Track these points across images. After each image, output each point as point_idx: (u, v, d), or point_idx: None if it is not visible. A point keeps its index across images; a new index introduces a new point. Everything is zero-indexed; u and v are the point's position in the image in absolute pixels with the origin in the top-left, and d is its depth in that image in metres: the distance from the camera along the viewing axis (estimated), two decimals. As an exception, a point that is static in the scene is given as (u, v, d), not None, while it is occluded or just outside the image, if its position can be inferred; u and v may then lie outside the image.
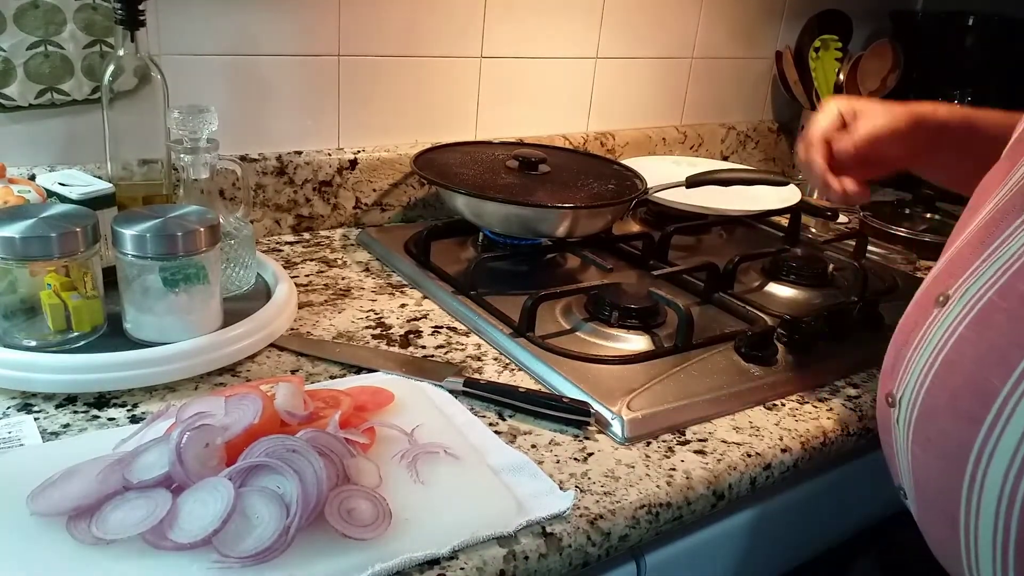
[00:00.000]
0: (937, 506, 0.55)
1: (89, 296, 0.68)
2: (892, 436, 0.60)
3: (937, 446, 0.54)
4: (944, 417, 0.53)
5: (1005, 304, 0.51)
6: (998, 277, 0.53)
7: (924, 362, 0.56)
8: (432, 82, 1.12)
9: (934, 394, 0.55)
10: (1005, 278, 0.52)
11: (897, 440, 0.59)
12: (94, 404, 0.64)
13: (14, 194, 0.72)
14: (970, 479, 0.51)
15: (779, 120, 1.58)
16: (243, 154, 0.99)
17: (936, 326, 0.56)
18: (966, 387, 0.52)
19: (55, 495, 0.49)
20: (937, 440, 0.54)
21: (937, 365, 0.55)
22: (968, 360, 0.53)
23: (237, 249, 0.80)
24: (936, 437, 0.54)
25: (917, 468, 0.57)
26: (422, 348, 0.78)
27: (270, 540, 0.47)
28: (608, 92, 1.31)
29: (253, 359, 0.73)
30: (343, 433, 0.55)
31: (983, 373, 0.51)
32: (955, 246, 0.59)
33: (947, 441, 0.53)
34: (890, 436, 0.60)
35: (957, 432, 0.52)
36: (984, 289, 0.53)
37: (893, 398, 0.59)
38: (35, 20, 0.82)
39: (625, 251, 1.04)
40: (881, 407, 0.62)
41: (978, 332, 0.52)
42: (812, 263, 1.00)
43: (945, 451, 0.53)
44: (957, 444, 0.52)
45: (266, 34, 0.98)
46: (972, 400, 0.51)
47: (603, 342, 0.79)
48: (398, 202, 1.12)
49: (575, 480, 0.60)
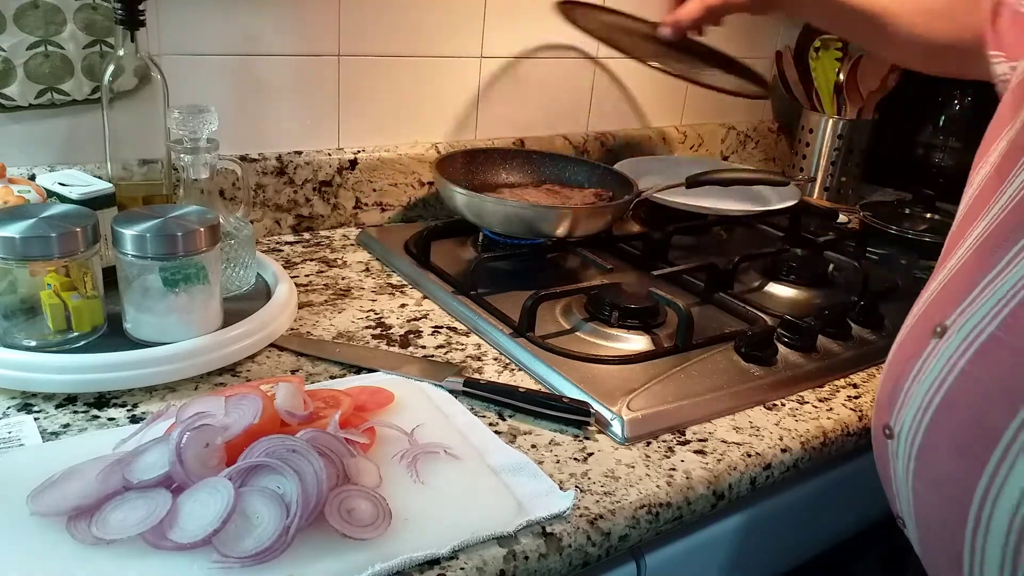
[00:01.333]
0: (940, 544, 0.54)
1: (89, 296, 0.68)
2: (890, 468, 0.59)
3: (940, 486, 0.53)
4: (946, 456, 0.52)
5: (1008, 339, 0.50)
6: (999, 309, 0.51)
7: (923, 396, 0.55)
8: (432, 82, 1.12)
9: (935, 431, 0.53)
10: (1007, 311, 0.50)
11: (896, 473, 0.58)
12: (94, 404, 0.64)
13: (14, 194, 0.72)
14: (975, 521, 0.50)
15: (779, 120, 1.58)
16: (243, 154, 0.99)
17: (934, 359, 0.54)
18: (969, 426, 0.51)
19: (55, 495, 0.49)
20: (940, 480, 0.53)
21: (938, 401, 0.53)
22: (971, 397, 0.51)
23: (237, 249, 0.80)
24: (939, 477, 0.53)
25: (919, 505, 0.56)
26: (422, 348, 0.78)
27: (270, 540, 0.47)
28: (608, 92, 1.31)
29: (253, 359, 0.73)
30: (343, 433, 0.55)
31: (986, 412, 0.50)
32: (948, 267, 0.58)
33: (951, 481, 0.52)
34: (888, 467, 0.59)
35: (961, 472, 0.51)
36: (985, 322, 0.51)
37: (891, 430, 0.58)
38: (35, 20, 0.82)
39: (625, 251, 1.04)
40: (878, 437, 0.61)
41: (980, 368, 0.51)
42: (812, 263, 1.00)
43: (949, 491, 0.52)
44: (961, 485, 0.51)
45: (266, 34, 0.98)
46: (976, 440, 0.50)
47: (603, 342, 0.79)
48: (398, 202, 1.12)
49: (575, 480, 0.60)
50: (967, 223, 0.58)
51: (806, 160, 1.44)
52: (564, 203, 1.01)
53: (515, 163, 1.12)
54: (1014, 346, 0.49)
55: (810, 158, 1.43)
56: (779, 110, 1.57)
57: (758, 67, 1.49)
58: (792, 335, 0.81)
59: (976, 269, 0.54)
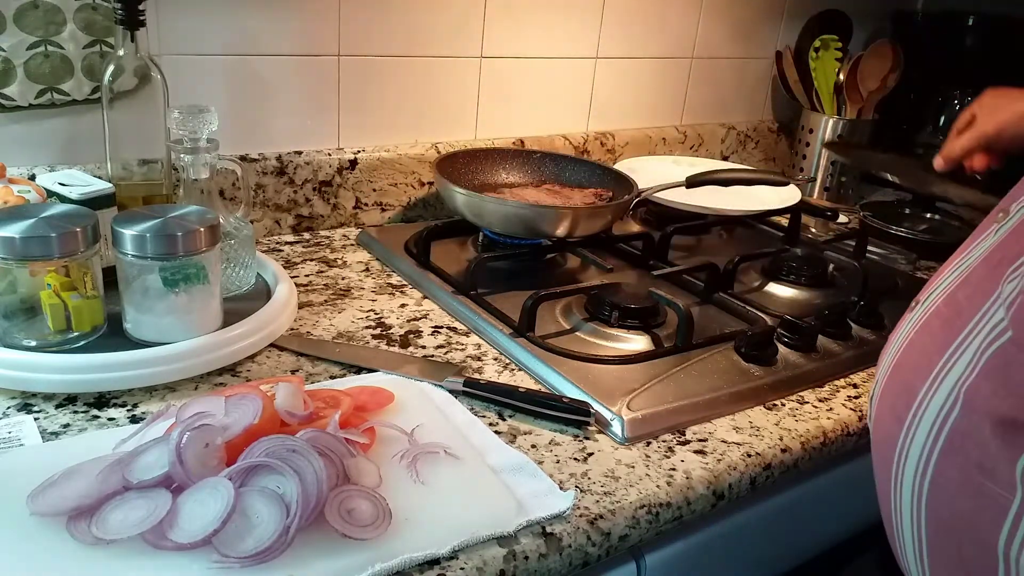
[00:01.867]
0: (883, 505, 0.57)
1: (89, 296, 0.68)
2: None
3: (879, 449, 0.56)
4: (885, 419, 0.55)
5: (946, 310, 0.53)
6: (950, 285, 0.54)
7: (884, 369, 0.58)
8: (432, 82, 1.12)
9: (882, 397, 0.56)
10: (954, 286, 0.53)
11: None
12: (94, 404, 0.64)
13: (14, 194, 0.72)
14: (895, 479, 0.53)
15: (779, 120, 1.58)
16: (243, 154, 0.99)
17: (900, 331, 0.57)
18: (900, 391, 0.54)
19: (55, 495, 0.49)
20: (879, 443, 0.56)
21: (889, 371, 0.56)
22: (907, 365, 0.54)
23: (237, 249, 0.80)
24: (879, 440, 0.56)
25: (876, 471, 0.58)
26: (422, 348, 0.78)
27: (270, 540, 0.47)
28: (608, 92, 1.31)
29: (253, 359, 0.73)
30: (343, 433, 0.55)
31: (912, 376, 0.52)
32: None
33: (884, 443, 0.55)
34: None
35: (889, 433, 0.54)
36: (937, 295, 0.54)
37: (870, 400, 0.61)
38: (35, 20, 0.82)
39: (625, 251, 1.04)
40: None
41: (920, 336, 0.54)
42: (812, 263, 1.00)
43: (883, 453, 0.55)
44: (888, 445, 0.54)
45: (266, 34, 0.98)
46: (901, 402, 0.53)
47: (603, 342, 0.79)
48: (398, 202, 1.12)
49: (575, 480, 0.60)
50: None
51: (806, 160, 1.44)
52: (564, 203, 1.01)
53: (515, 163, 1.12)
54: (946, 316, 0.52)
55: (810, 158, 1.43)
56: (779, 110, 1.57)
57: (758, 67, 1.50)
58: (792, 335, 0.81)
59: (961, 252, 0.57)
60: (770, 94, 1.55)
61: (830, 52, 1.44)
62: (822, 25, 1.45)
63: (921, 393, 0.51)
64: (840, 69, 1.41)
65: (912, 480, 0.51)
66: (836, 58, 1.43)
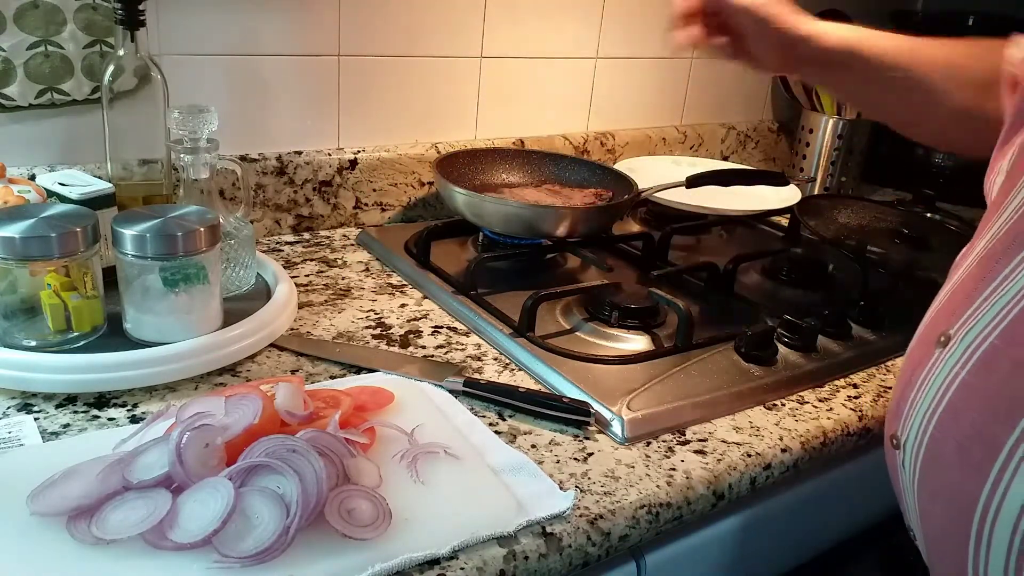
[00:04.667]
0: (945, 557, 0.53)
1: (89, 296, 0.68)
2: (899, 478, 0.58)
3: (944, 499, 0.53)
4: (949, 468, 0.52)
5: (1008, 349, 0.49)
6: (1000, 319, 0.50)
7: (927, 407, 0.54)
8: (432, 82, 1.12)
9: (938, 443, 0.53)
10: (1007, 322, 0.50)
11: (904, 484, 0.57)
12: (94, 404, 0.64)
13: (14, 194, 0.72)
14: (976, 535, 0.49)
15: (779, 120, 1.58)
16: (243, 154, 0.99)
17: (938, 369, 0.54)
18: (970, 437, 0.50)
19: (55, 495, 0.49)
20: (942, 491, 0.53)
21: (940, 412, 0.53)
22: (972, 409, 0.50)
23: (237, 249, 0.80)
24: (941, 489, 0.53)
25: (925, 518, 0.55)
26: (422, 348, 0.78)
27: (270, 540, 0.47)
28: (608, 92, 1.30)
29: (253, 359, 0.73)
30: (343, 433, 0.55)
31: (987, 423, 0.49)
32: (956, 276, 0.57)
33: (953, 494, 0.51)
34: (897, 478, 0.59)
35: (963, 485, 0.50)
36: (986, 332, 0.51)
37: (897, 440, 0.57)
38: (35, 20, 0.82)
39: (625, 251, 1.04)
40: (887, 448, 0.60)
41: (980, 378, 0.50)
42: (812, 263, 1.00)
43: (952, 504, 0.51)
44: (963, 497, 0.50)
45: (266, 34, 0.98)
46: (977, 452, 0.49)
47: (603, 342, 0.79)
48: (398, 202, 1.12)
49: (575, 480, 0.60)
50: (979, 232, 0.58)
51: (806, 160, 1.44)
52: (564, 203, 1.01)
53: (515, 163, 1.12)
54: (1014, 357, 0.49)
55: (810, 158, 1.43)
56: (779, 110, 1.57)
57: (758, 67, 1.49)
58: (792, 335, 0.81)
59: (980, 279, 0.53)
60: (770, 94, 1.55)
61: (830, 52, 1.44)
62: (822, 25, 1.45)
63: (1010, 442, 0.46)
64: (840, 69, 1.41)
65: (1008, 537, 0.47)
66: (836, 58, 1.43)
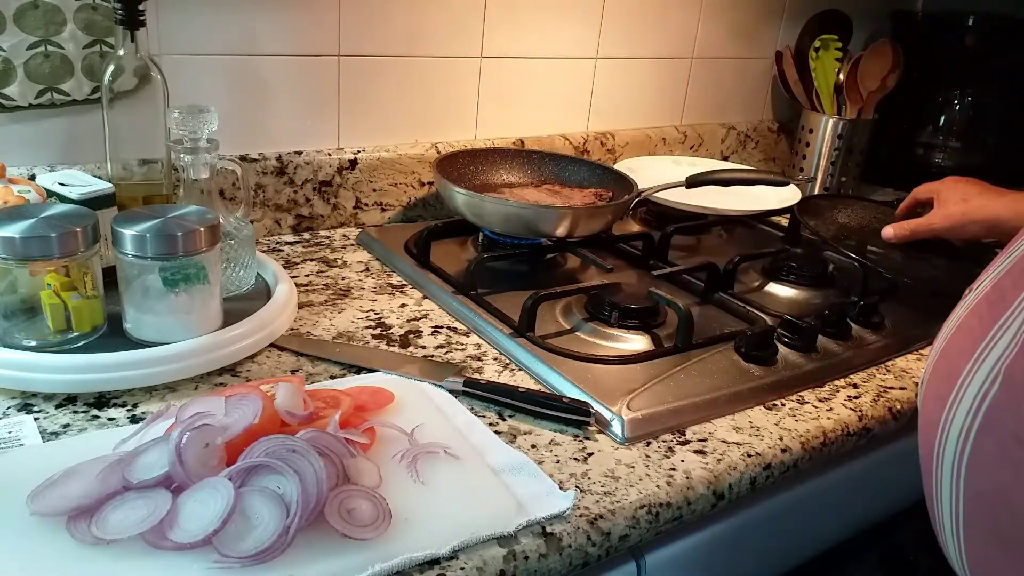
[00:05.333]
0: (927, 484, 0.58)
1: (89, 296, 0.68)
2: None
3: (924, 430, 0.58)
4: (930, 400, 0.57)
5: (992, 295, 0.54)
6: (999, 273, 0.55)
7: (933, 352, 0.59)
8: (432, 82, 1.12)
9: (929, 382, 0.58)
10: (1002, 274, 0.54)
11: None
12: (94, 404, 0.64)
13: (14, 194, 0.72)
14: (936, 457, 0.54)
15: (779, 120, 1.58)
16: (243, 154, 0.99)
17: (950, 320, 0.59)
18: (945, 373, 0.55)
19: (55, 495, 0.49)
20: (924, 425, 0.58)
21: (938, 354, 0.58)
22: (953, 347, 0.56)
23: (237, 249, 0.80)
24: (924, 423, 0.58)
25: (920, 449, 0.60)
26: (422, 348, 0.78)
27: (270, 540, 0.47)
28: (608, 92, 1.31)
29: (253, 359, 0.73)
30: (343, 433, 0.55)
31: (957, 357, 0.54)
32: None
33: (928, 423, 0.56)
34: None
35: (933, 413, 0.55)
36: (987, 283, 0.56)
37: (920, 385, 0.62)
38: (35, 20, 0.82)
39: (625, 251, 1.04)
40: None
41: (967, 319, 0.56)
42: (812, 263, 1.00)
43: (926, 433, 0.57)
44: (931, 425, 0.55)
45: (266, 34, 0.98)
46: (945, 383, 0.54)
47: (603, 342, 0.79)
48: (398, 202, 1.12)
49: (575, 480, 0.60)
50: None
51: (806, 160, 1.44)
52: (564, 203, 1.01)
53: (515, 163, 1.12)
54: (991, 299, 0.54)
55: (810, 158, 1.43)
56: (779, 110, 1.57)
57: (758, 67, 1.50)
58: (792, 335, 0.81)
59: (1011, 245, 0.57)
60: (770, 94, 1.55)
61: (830, 52, 1.44)
62: (822, 25, 1.45)
63: (963, 373, 0.52)
64: (840, 69, 1.41)
65: (952, 456, 0.52)
66: (836, 58, 1.43)
